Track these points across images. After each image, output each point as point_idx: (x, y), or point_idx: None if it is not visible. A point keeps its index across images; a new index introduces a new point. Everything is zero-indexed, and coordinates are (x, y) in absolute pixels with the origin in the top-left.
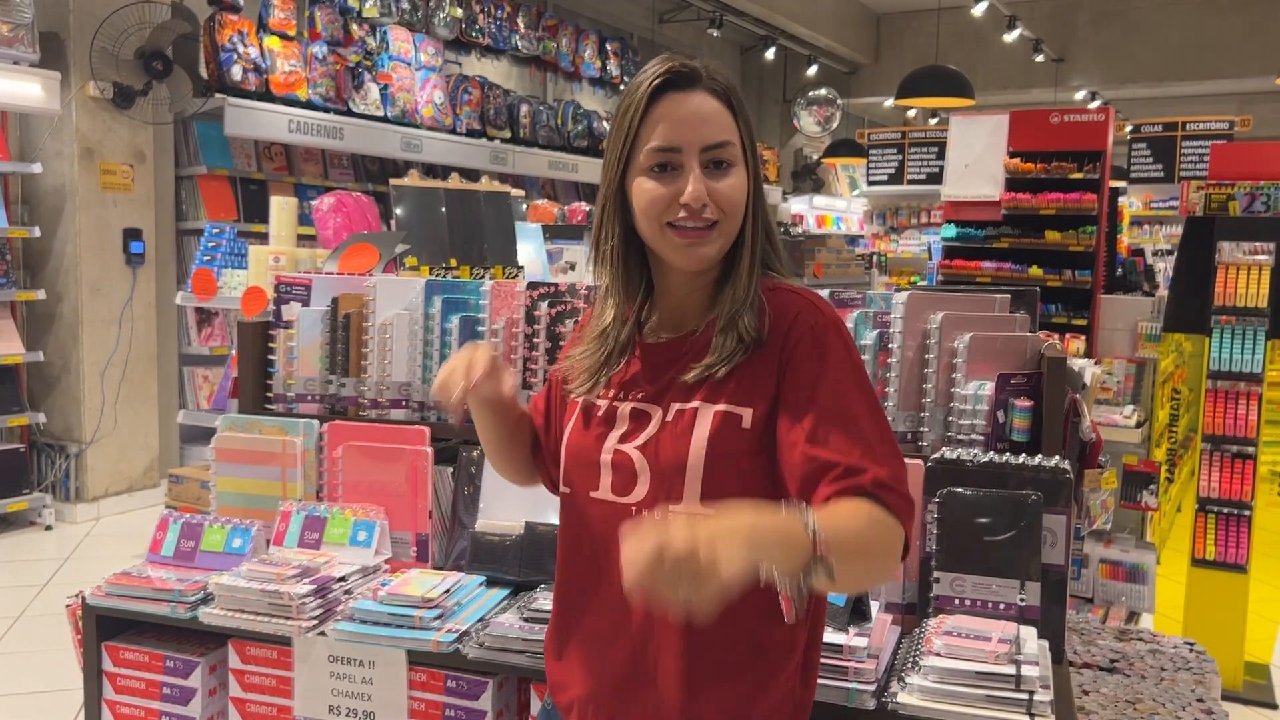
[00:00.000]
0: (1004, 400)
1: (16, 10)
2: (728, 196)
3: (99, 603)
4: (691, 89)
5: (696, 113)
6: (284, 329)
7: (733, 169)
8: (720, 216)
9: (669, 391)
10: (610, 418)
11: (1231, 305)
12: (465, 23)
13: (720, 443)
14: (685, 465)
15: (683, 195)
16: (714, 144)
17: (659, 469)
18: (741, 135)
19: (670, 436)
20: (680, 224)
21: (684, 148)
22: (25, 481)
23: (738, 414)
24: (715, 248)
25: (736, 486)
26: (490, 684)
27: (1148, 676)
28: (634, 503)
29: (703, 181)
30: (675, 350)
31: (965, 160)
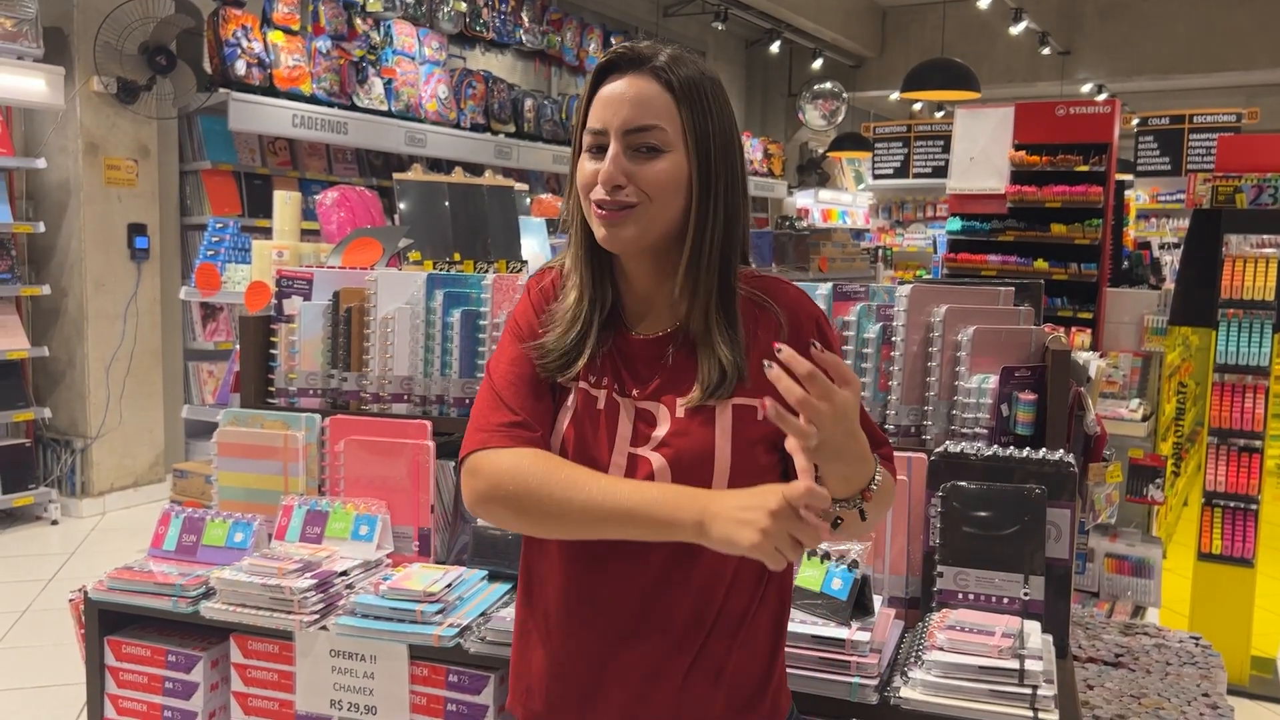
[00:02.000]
0: (1008, 394)
1: (20, 5)
2: (651, 180)
3: (101, 597)
4: (633, 72)
5: (623, 96)
6: (286, 323)
7: (663, 155)
8: (642, 199)
9: (670, 389)
10: (613, 415)
11: (1239, 298)
12: (469, 17)
13: (742, 437)
14: (712, 465)
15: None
16: (635, 127)
17: (682, 470)
18: (683, 123)
19: (688, 436)
20: (600, 203)
21: (608, 129)
22: (31, 476)
23: (752, 406)
24: (631, 230)
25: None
26: (492, 678)
27: (1153, 671)
28: None
29: (621, 162)
30: (662, 348)
31: (971, 153)
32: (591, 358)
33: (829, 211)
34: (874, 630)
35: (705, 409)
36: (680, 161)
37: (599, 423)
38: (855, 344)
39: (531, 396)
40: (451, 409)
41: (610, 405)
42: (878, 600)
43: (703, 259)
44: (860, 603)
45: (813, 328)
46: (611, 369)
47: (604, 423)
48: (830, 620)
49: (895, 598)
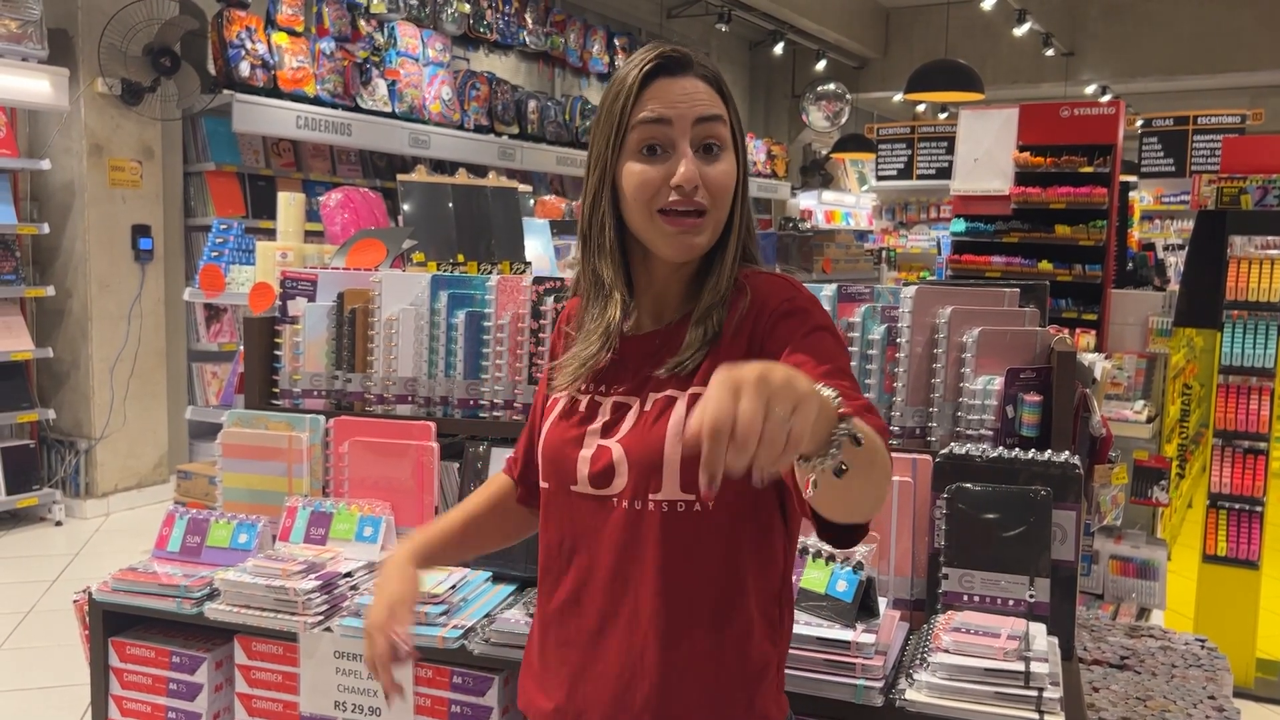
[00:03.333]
0: (1013, 395)
1: (25, 7)
2: (719, 183)
3: (105, 598)
4: (683, 73)
5: (688, 92)
6: (290, 324)
7: (724, 154)
8: (710, 204)
9: (647, 384)
10: (592, 412)
11: (1243, 300)
12: (473, 18)
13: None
14: (662, 453)
15: (674, 176)
16: (707, 116)
17: (636, 459)
18: (732, 121)
19: (645, 426)
20: (672, 209)
21: (675, 120)
22: (35, 477)
23: None
24: (705, 237)
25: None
26: (496, 680)
27: (1158, 673)
28: (614, 494)
29: (694, 163)
30: (653, 342)
31: (975, 155)
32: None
33: (832, 213)
34: (879, 632)
35: (668, 399)
36: (733, 161)
37: (574, 421)
38: (860, 345)
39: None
40: (455, 410)
41: (590, 405)
42: (883, 602)
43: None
44: (865, 604)
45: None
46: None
47: (579, 421)
48: (835, 622)
49: (900, 599)
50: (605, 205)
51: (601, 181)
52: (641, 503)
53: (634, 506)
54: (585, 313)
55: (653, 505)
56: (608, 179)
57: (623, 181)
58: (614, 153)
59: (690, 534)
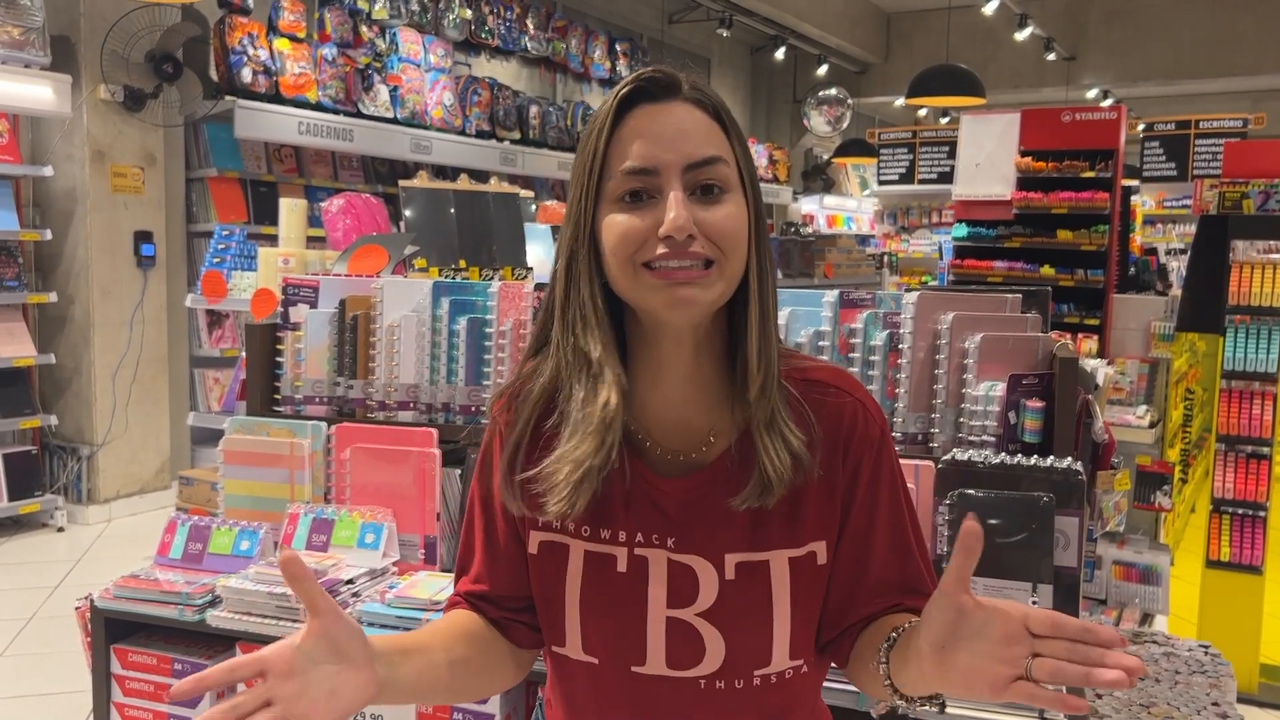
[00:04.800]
0: (1015, 401)
1: (28, 14)
2: (723, 228)
3: (107, 605)
4: (669, 99)
5: (676, 126)
6: (292, 331)
7: (727, 195)
8: (717, 255)
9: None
10: (640, 575)
11: (1246, 304)
12: (474, 24)
13: (802, 592)
14: (772, 630)
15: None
16: (699, 160)
17: (736, 637)
18: (737, 157)
19: (743, 599)
20: (659, 264)
21: (662, 169)
22: (37, 483)
23: (811, 553)
24: (714, 292)
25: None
26: None
27: (1162, 679)
28: (704, 676)
29: (687, 206)
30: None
31: (976, 159)
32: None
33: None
34: None
35: (757, 564)
36: (741, 204)
37: (622, 587)
38: (862, 351)
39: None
40: (457, 416)
41: (635, 562)
42: None
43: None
44: None
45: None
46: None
47: (629, 586)
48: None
49: None
50: (584, 266)
51: (578, 238)
52: (741, 681)
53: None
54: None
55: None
56: (584, 235)
57: (603, 239)
58: (590, 202)
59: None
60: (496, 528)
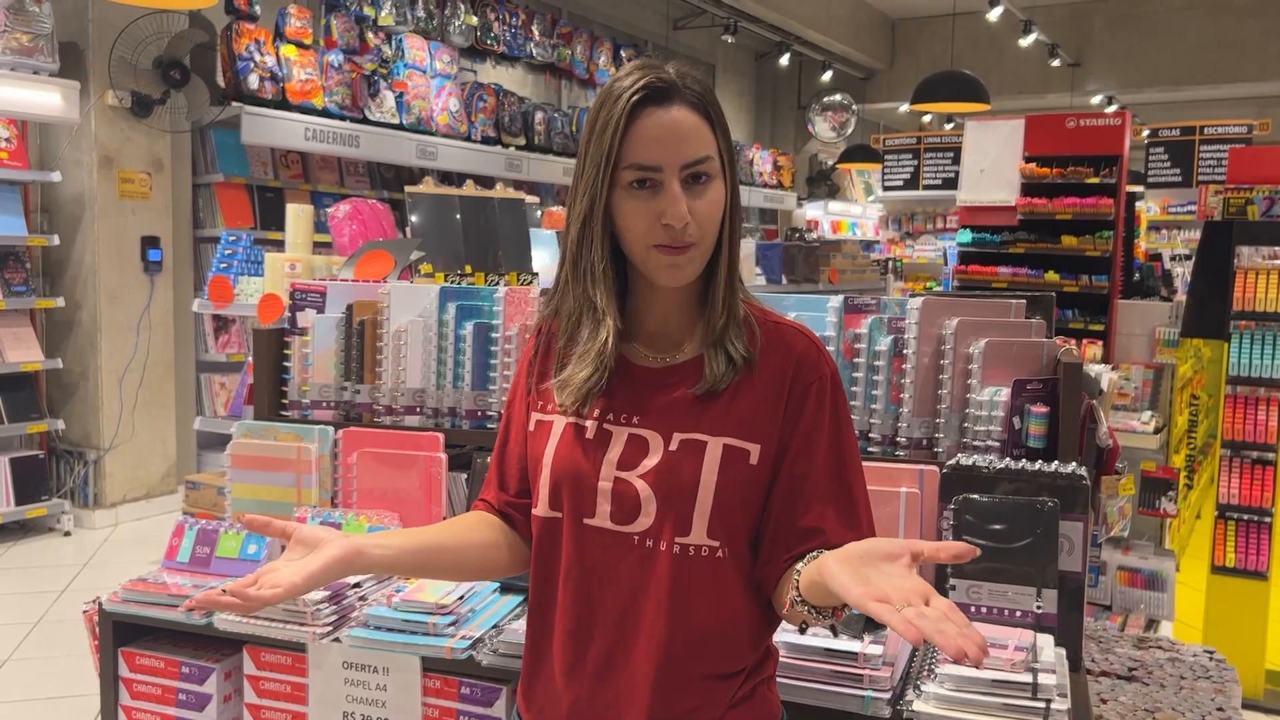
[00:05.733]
0: (1020, 406)
1: (36, 21)
2: (706, 214)
3: (115, 609)
4: (669, 103)
5: (675, 130)
6: (299, 336)
7: (711, 183)
8: (698, 236)
9: (669, 418)
10: (603, 441)
11: (1251, 310)
12: (480, 30)
13: (728, 477)
14: (695, 498)
15: (664, 216)
16: (694, 160)
17: (667, 499)
18: (720, 146)
19: (677, 467)
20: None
21: (664, 166)
22: (44, 488)
23: (745, 449)
24: (695, 267)
25: (742, 519)
26: (504, 690)
27: (1167, 685)
28: (637, 533)
29: (683, 200)
30: (670, 376)
31: (981, 165)
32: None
33: (838, 223)
34: (886, 643)
35: (697, 443)
36: (721, 187)
37: (586, 449)
38: (867, 356)
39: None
40: (464, 421)
41: (600, 433)
42: None
43: (735, 275)
44: None
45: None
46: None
47: (591, 449)
48: (843, 633)
49: None
50: (597, 232)
51: (592, 209)
52: (664, 544)
53: (653, 546)
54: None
55: (678, 548)
56: (599, 207)
57: (617, 215)
58: (604, 185)
59: (701, 576)
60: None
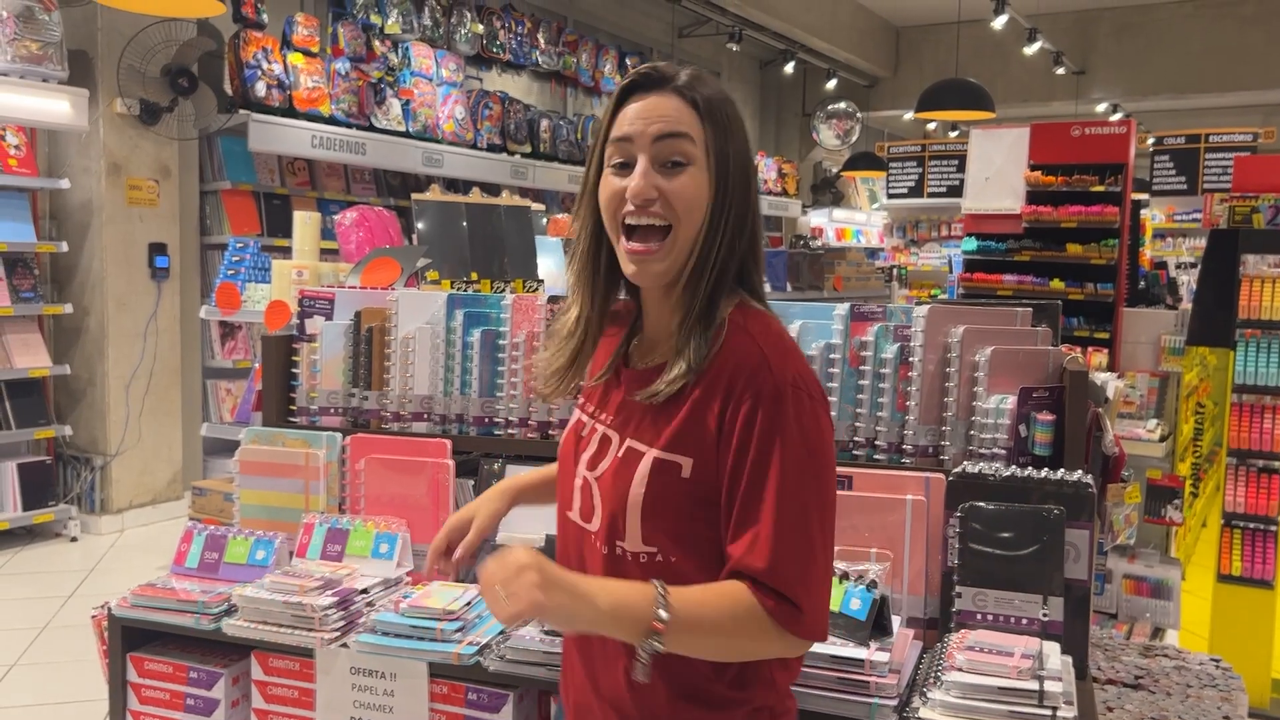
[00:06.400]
0: (1026, 414)
1: (46, 29)
2: (678, 195)
3: (124, 614)
4: (657, 91)
5: (653, 108)
6: (307, 342)
7: (688, 169)
8: (674, 219)
9: (627, 423)
10: (587, 437)
11: (1256, 318)
12: (486, 39)
13: (657, 490)
14: (626, 506)
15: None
16: (664, 134)
17: (607, 504)
18: (706, 139)
19: (619, 473)
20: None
21: (635, 137)
22: (51, 493)
23: (676, 463)
24: (664, 264)
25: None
26: (511, 696)
27: (1173, 693)
28: (593, 531)
29: (651, 175)
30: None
31: (986, 173)
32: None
33: (843, 231)
34: (893, 650)
35: (635, 452)
36: (702, 179)
37: (573, 443)
38: (873, 364)
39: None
40: (471, 428)
41: (589, 432)
42: (896, 620)
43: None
44: (879, 623)
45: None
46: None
47: (577, 443)
48: (849, 640)
49: (914, 618)
50: (585, 215)
51: (583, 194)
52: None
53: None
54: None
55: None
56: (588, 191)
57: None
58: (595, 167)
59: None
60: None
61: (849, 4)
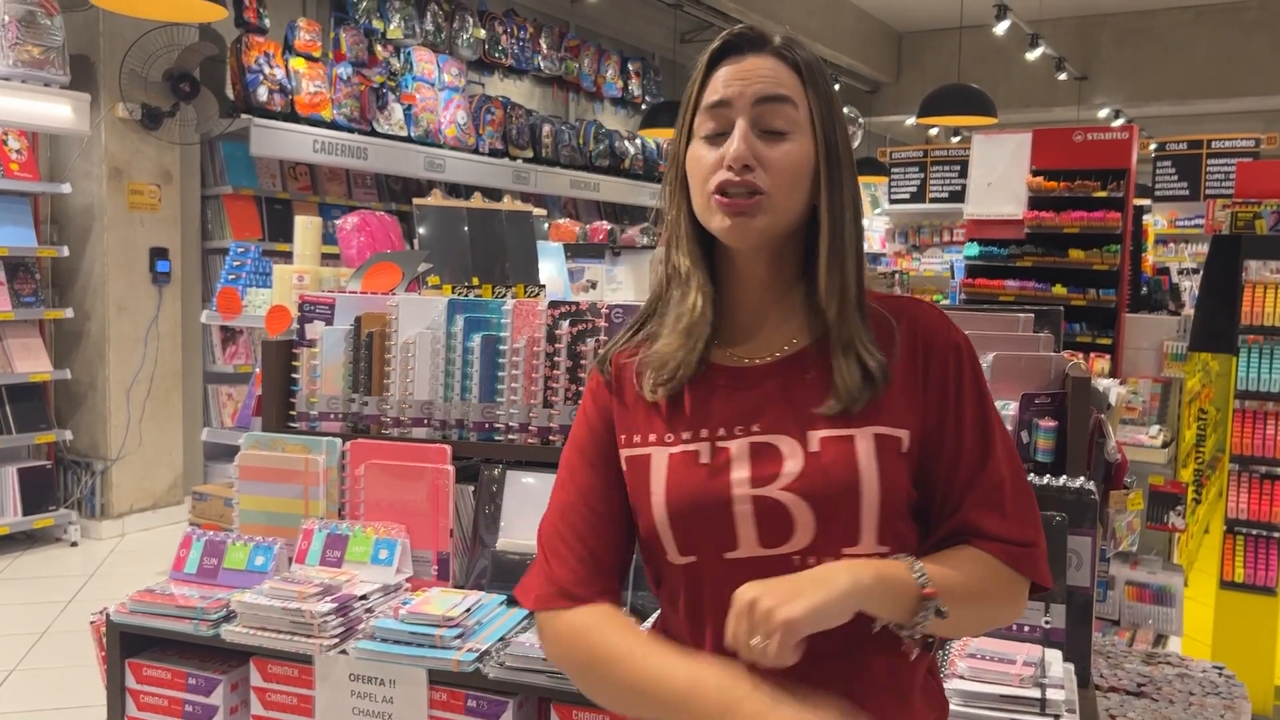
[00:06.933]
0: (1028, 420)
1: (48, 33)
2: (781, 165)
3: (123, 620)
4: (754, 52)
5: (751, 69)
6: (307, 348)
7: (790, 136)
8: (770, 187)
9: (796, 417)
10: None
11: (1259, 324)
12: (488, 44)
13: (887, 470)
14: (860, 499)
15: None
16: (765, 96)
17: (823, 508)
18: (810, 104)
19: (828, 468)
20: (724, 189)
21: (733, 101)
22: (51, 498)
23: (896, 436)
24: (760, 222)
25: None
26: (510, 704)
27: (1176, 701)
28: (796, 552)
29: (749, 140)
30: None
31: (988, 178)
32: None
33: None
34: None
35: (843, 439)
36: (807, 147)
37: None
38: None
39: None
40: (471, 433)
41: (718, 454)
42: None
43: (843, 251)
44: None
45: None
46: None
47: (712, 472)
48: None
49: None
50: (678, 194)
51: (675, 171)
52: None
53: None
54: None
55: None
56: (680, 167)
57: (688, 170)
58: (684, 139)
59: None
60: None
61: (851, 9)
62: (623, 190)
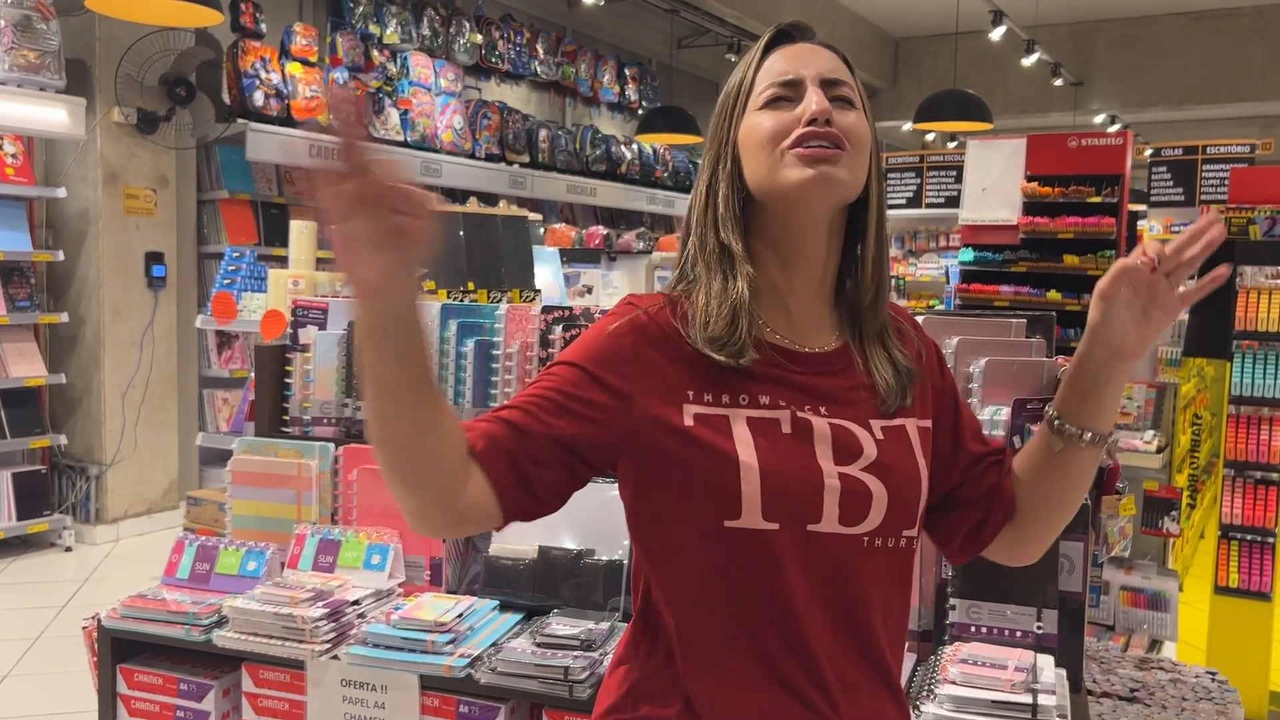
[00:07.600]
0: (1020, 425)
1: (44, 38)
2: (854, 130)
3: (114, 625)
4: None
5: (812, 52)
6: (301, 352)
7: (856, 110)
8: (848, 145)
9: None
10: (806, 436)
11: (1253, 330)
12: (485, 49)
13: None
14: (920, 488)
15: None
16: (834, 78)
17: (897, 492)
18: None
19: (898, 458)
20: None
21: (804, 78)
22: (46, 503)
23: (927, 426)
24: (843, 173)
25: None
26: (502, 709)
27: (1169, 706)
28: (866, 533)
29: (826, 99)
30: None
31: (983, 184)
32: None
33: None
34: None
35: (899, 430)
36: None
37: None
38: None
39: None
40: None
41: (799, 425)
42: None
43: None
44: None
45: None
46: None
47: (797, 446)
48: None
49: (908, 630)
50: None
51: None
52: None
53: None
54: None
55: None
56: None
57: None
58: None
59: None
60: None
61: (848, 15)
62: (619, 195)
